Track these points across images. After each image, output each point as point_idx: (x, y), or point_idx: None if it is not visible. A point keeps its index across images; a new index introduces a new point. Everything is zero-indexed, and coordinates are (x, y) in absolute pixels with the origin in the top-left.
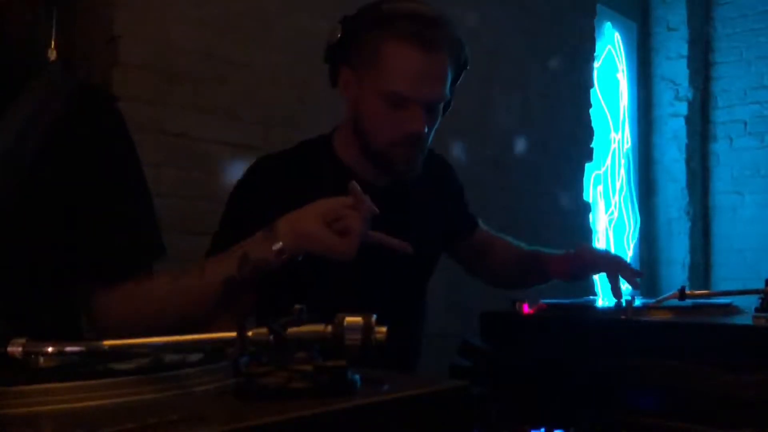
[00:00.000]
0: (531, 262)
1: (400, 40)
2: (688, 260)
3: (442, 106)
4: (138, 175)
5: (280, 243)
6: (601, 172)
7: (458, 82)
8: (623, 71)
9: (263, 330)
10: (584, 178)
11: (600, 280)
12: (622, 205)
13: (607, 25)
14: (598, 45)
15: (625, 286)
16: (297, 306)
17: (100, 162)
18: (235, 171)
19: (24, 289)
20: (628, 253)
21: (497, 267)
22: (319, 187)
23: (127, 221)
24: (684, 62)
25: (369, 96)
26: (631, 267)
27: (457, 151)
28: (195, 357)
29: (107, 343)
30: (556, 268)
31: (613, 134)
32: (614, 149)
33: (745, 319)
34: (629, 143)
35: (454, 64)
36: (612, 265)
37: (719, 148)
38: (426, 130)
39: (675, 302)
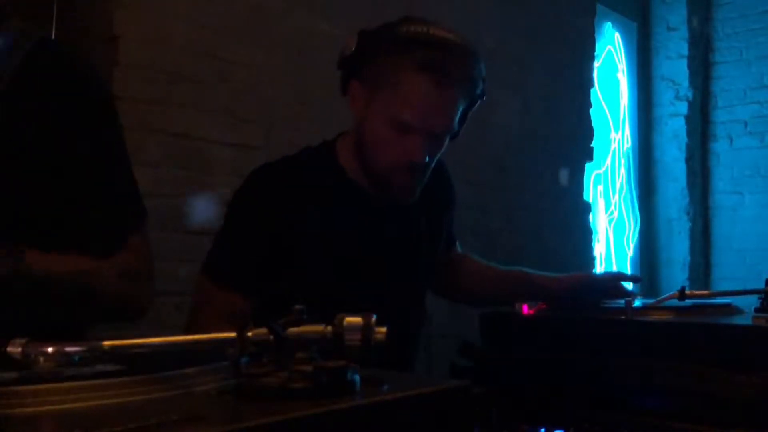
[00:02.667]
0: (518, 281)
1: (415, 69)
2: (688, 260)
3: (448, 135)
4: (110, 136)
5: None
6: (601, 171)
7: (471, 112)
8: (623, 71)
9: (263, 330)
10: (584, 178)
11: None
12: (622, 205)
13: (607, 25)
14: (598, 45)
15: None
16: (297, 306)
17: (64, 119)
18: (236, 171)
19: None
20: (628, 253)
21: (467, 283)
22: (322, 197)
23: (103, 186)
24: (684, 62)
25: (375, 117)
26: (628, 276)
27: (457, 151)
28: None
29: (107, 343)
30: (555, 286)
31: (613, 134)
32: (614, 149)
33: (745, 319)
34: (629, 143)
35: (468, 97)
36: (612, 281)
37: (719, 147)
38: (427, 159)
39: (675, 302)
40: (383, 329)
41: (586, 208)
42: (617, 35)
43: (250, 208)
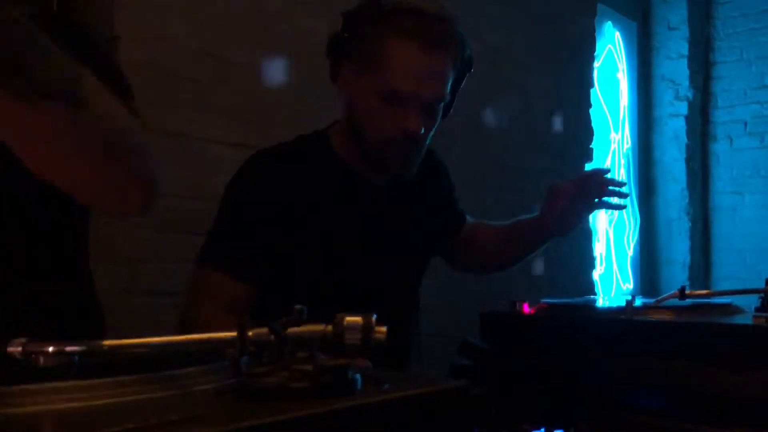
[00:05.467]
0: (521, 231)
1: (400, 36)
2: (688, 260)
3: (441, 107)
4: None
5: None
6: None
7: (461, 85)
8: (623, 71)
9: (263, 330)
10: None
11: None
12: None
13: (607, 25)
14: (598, 45)
15: (625, 286)
16: (297, 306)
17: None
18: (235, 171)
19: None
20: (629, 253)
21: (486, 249)
22: (317, 183)
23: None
24: (684, 62)
25: (367, 92)
26: (610, 180)
27: (457, 151)
28: None
29: (107, 343)
30: (549, 221)
31: (613, 134)
32: (614, 149)
33: (745, 319)
34: (629, 143)
35: (456, 64)
36: (590, 181)
37: (719, 148)
38: (423, 130)
39: (675, 302)
40: (383, 329)
41: None
42: (617, 35)
43: (247, 194)
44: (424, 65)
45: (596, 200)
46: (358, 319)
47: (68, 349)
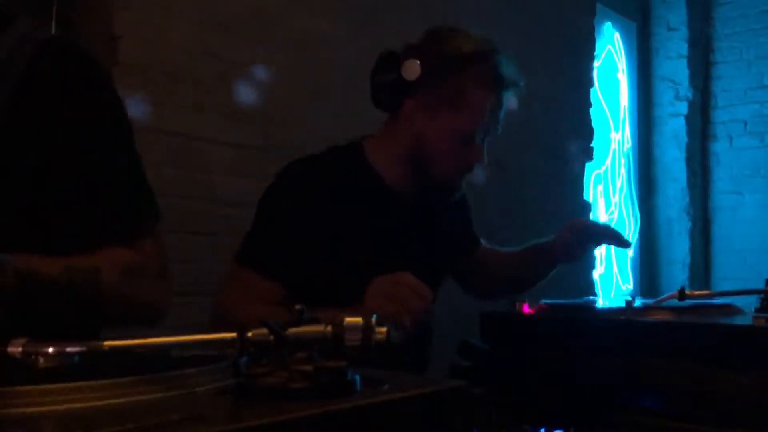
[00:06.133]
0: (532, 254)
1: (480, 82)
2: (688, 260)
3: None
4: (122, 134)
5: None
6: (601, 171)
7: None
8: (623, 71)
9: (263, 330)
10: (584, 178)
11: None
12: (622, 204)
13: (607, 25)
14: (598, 45)
15: (625, 286)
16: (297, 306)
17: (73, 117)
18: (236, 171)
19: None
20: (629, 253)
21: (498, 272)
22: (351, 193)
23: (113, 183)
24: (684, 62)
25: (441, 131)
26: (620, 236)
27: None
28: None
29: (107, 343)
30: (558, 248)
31: (613, 134)
32: (614, 149)
33: (745, 319)
34: (629, 143)
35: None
36: (603, 235)
37: (719, 147)
38: None
39: (675, 302)
40: (383, 329)
41: (586, 208)
42: (617, 35)
43: (285, 201)
44: (497, 108)
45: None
46: (358, 319)
47: (68, 349)
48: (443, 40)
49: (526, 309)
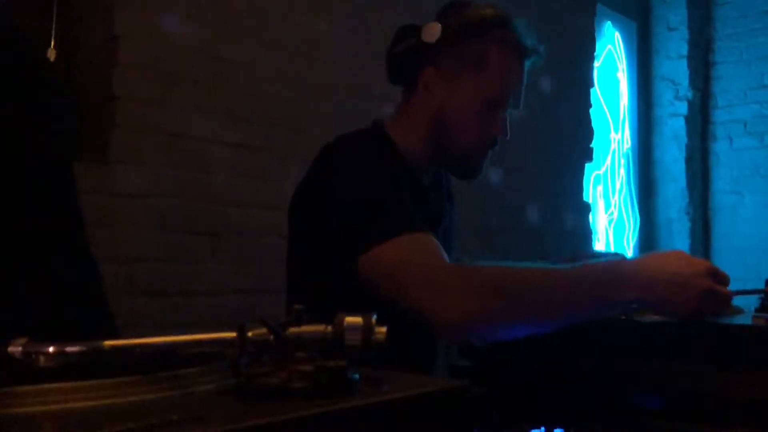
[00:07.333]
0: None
1: (504, 47)
2: None
3: None
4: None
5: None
6: (601, 172)
7: None
8: (623, 71)
9: (263, 330)
10: (584, 178)
11: None
12: (622, 205)
13: (607, 25)
14: (598, 45)
15: None
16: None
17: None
18: (236, 171)
19: None
20: (629, 253)
21: None
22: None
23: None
24: (684, 62)
25: (465, 97)
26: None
27: None
28: None
29: (108, 343)
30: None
31: (613, 134)
32: (614, 149)
33: (745, 319)
34: (629, 143)
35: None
36: None
37: (719, 148)
38: None
39: None
40: (383, 329)
41: (586, 209)
42: (617, 35)
43: (378, 156)
44: (521, 76)
45: None
46: (358, 319)
47: (68, 349)
48: (463, 7)
49: None
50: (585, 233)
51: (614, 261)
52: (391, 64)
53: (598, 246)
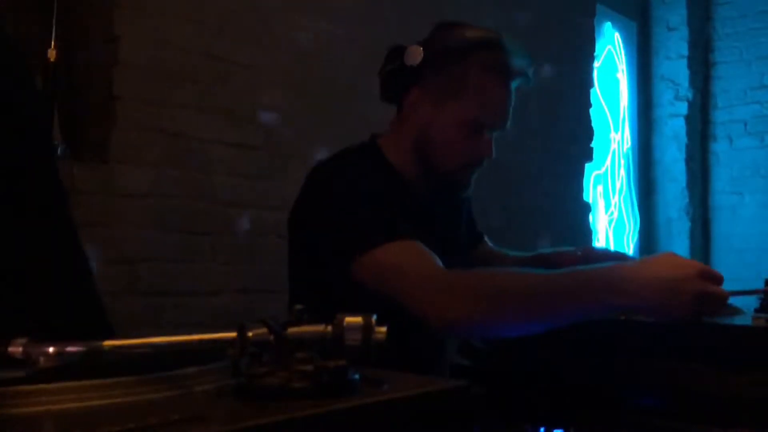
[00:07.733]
0: (538, 262)
1: (486, 69)
2: None
3: None
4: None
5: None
6: (601, 172)
7: None
8: (623, 71)
9: (263, 330)
10: (584, 178)
11: None
12: (622, 205)
13: (607, 25)
14: (598, 45)
15: None
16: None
17: None
18: (236, 171)
19: None
20: (629, 253)
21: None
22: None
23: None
24: (684, 62)
25: (447, 121)
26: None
27: None
28: None
29: (107, 343)
30: (566, 261)
31: (613, 134)
32: (614, 149)
33: (745, 319)
34: (629, 143)
35: (517, 90)
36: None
37: (719, 148)
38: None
39: None
40: (383, 329)
41: (586, 209)
42: (617, 35)
43: (359, 177)
44: (504, 98)
45: None
46: (358, 319)
47: (68, 349)
48: (448, 29)
49: None
50: (585, 233)
51: (608, 267)
52: (381, 83)
53: (598, 246)
